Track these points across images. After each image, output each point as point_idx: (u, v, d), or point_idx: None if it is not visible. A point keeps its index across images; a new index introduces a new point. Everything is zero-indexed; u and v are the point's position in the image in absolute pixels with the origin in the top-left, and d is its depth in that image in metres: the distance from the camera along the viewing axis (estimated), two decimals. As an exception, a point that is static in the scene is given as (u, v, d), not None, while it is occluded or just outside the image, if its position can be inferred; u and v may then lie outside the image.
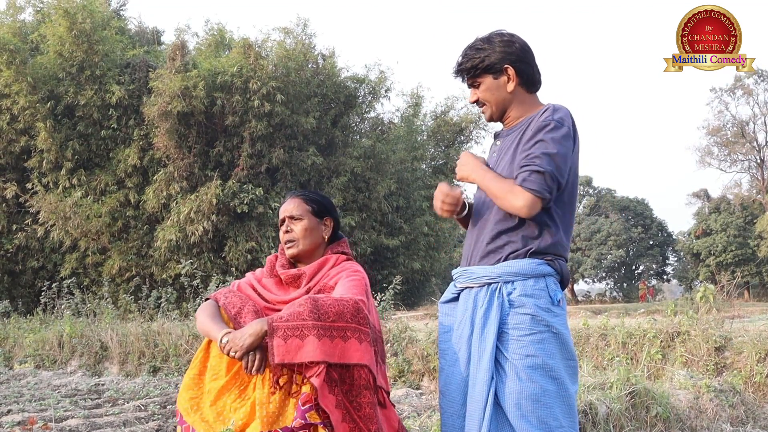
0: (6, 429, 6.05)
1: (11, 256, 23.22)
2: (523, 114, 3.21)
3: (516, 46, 3.17)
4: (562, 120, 3.05)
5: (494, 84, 3.18)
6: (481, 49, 3.17)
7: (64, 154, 22.40)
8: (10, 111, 22.30)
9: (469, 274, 3.18)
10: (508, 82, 3.16)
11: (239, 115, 22.01)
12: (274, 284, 3.57)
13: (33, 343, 13.29)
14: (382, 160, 24.84)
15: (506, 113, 3.24)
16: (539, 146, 3.00)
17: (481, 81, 3.19)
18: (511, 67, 3.14)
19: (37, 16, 25.70)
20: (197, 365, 3.31)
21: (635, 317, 10.51)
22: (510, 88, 3.17)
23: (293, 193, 3.85)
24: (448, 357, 3.31)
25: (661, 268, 64.06)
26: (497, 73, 3.16)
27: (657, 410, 5.54)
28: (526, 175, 2.98)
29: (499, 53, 3.14)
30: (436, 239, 28.11)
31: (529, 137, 3.06)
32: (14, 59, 21.49)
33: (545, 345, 2.96)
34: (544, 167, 2.96)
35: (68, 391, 9.31)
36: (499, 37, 3.18)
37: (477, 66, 3.17)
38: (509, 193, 3.00)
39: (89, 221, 21.65)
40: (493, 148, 3.33)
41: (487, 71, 3.16)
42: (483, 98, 3.22)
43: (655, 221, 63.70)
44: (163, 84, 21.20)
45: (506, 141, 3.22)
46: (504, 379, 2.96)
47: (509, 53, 3.15)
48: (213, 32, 25.07)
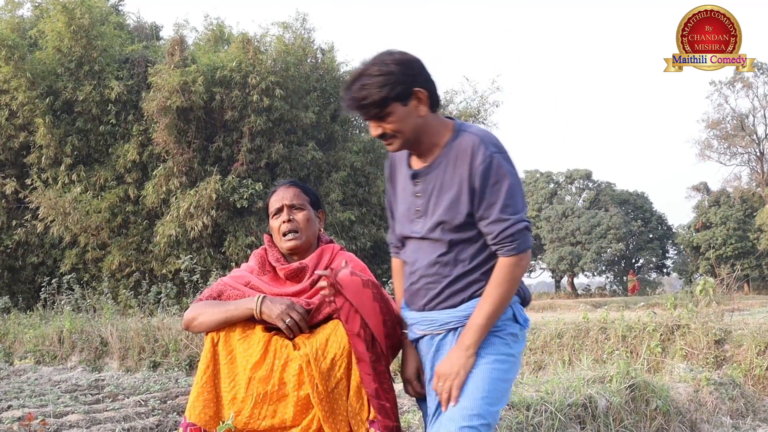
0: (6, 425, 6.05)
1: (11, 252, 23.21)
2: (438, 139, 2.96)
3: (416, 64, 2.90)
4: (499, 148, 2.90)
5: (405, 111, 2.85)
6: (381, 76, 2.80)
7: (63, 149, 22.38)
8: (8, 107, 22.29)
9: (430, 321, 2.99)
10: (419, 105, 2.88)
11: (238, 110, 21.98)
12: (269, 280, 3.41)
13: (33, 339, 13.30)
14: (381, 154, 24.79)
15: (418, 141, 2.95)
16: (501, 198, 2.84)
17: (389, 111, 2.83)
18: (421, 88, 2.87)
19: (36, 11, 25.64)
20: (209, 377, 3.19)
21: (635, 311, 10.49)
22: (422, 111, 2.89)
23: (288, 182, 3.68)
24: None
25: (660, 261, 64.13)
26: (406, 99, 2.84)
27: (657, 403, 5.54)
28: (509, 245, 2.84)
29: (404, 76, 2.82)
30: (437, 233, 28.10)
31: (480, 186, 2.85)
32: (13, 55, 21.46)
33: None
34: (522, 220, 2.86)
35: (68, 386, 9.32)
36: (394, 59, 2.85)
37: (386, 97, 2.80)
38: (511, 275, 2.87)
39: (89, 217, 21.64)
40: (409, 189, 3.04)
41: (396, 99, 2.81)
42: (394, 130, 2.88)
43: (655, 214, 63.76)
44: (162, 79, 21.18)
45: (430, 179, 2.96)
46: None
47: (414, 74, 2.87)
48: (212, 27, 25.03)
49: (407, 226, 3.06)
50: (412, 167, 3.04)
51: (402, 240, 3.15)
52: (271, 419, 3.05)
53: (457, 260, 2.94)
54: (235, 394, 3.11)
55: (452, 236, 2.92)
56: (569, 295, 56.97)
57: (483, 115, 28.74)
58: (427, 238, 2.97)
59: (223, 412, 3.13)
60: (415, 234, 3.02)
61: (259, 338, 3.17)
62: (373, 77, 2.82)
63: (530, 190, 65.97)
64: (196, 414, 3.14)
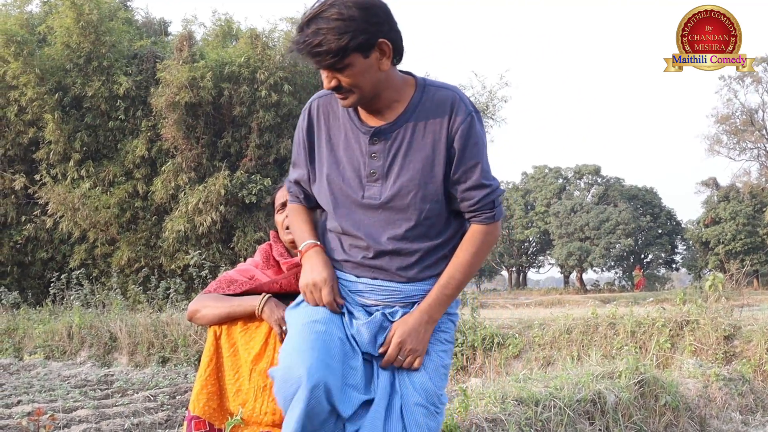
0: (16, 419, 6.07)
1: (20, 248, 23.30)
2: (399, 95, 2.68)
3: (381, 10, 2.55)
4: (475, 108, 2.69)
5: (365, 64, 2.53)
6: (341, 21, 2.47)
7: (72, 145, 22.43)
8: (18, 102, 22.33)
9: (392, 292, 2.73)
10: (381, 58, 2.57)
11: (247, 105, 21.99)
12: (273, 274, 3.39)
13: (42, 334, 13.35)
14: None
15: (378, 96, 2.64)
16: (475, 162, 2.66)
17: (348, 63, 2.51)
18: (386, 39, 2.55)
19: (44, 7, 25.70)
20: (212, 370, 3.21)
21: (644, 306, 10.49)
22: (385, 65, 2.58)
23: None
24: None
25: (669, 256, 63.98)
26: (368, 51, 2.52)
27: (666, 399, 5.53)
28: (488, 213, 2.71)
29: (367, 24, 2.49)
30: (445, 229, 28.06)
31: (459, 146, 2.64)
32: (22, 51, 21.50)
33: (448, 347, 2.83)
34: (499, 187, 2.74)
35: (78, 381, 9.35)
36: (355, 1, 2.50)
37: (345, 47, 2.47)
38: (487, 244, 2.73)
39: (98, 212, 21.69)
40: (360, 148, 2.71)
41: (356, 50, 2.49)
42: (352, 84, 2.56)
43: (664, 210, 63.58)
44: (170, 75, 21.20)
45: (394, 139, 2.67)
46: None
47: (378, 22, 2.53)
48: (220, 23, 25.02)
49: (354, 191, 2.70)
50: (366, 123, 2.70)
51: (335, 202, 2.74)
52: (272, 416, 3.06)
53: (427, 235, 2.71)
54: (240, 386, 3.14)
55: (422, 206, 2.66)
56: (578, 290, 56.82)
57: (491, 110, 28.69)
58: (388, 207, 2.68)
59: (227, 405, 3.16)
60: (370, 200, 2.69)
61: (261, 331, 3.18)
62: (332, 21, 2.47)
63: (539, 186, 65.90)
64: (200, 407, 3.17)
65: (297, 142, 2.87)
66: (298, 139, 2.86)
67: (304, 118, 2.82)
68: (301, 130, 2.84)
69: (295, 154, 2.89)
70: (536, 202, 65.67)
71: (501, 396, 4.50)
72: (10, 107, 22.47)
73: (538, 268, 72.55)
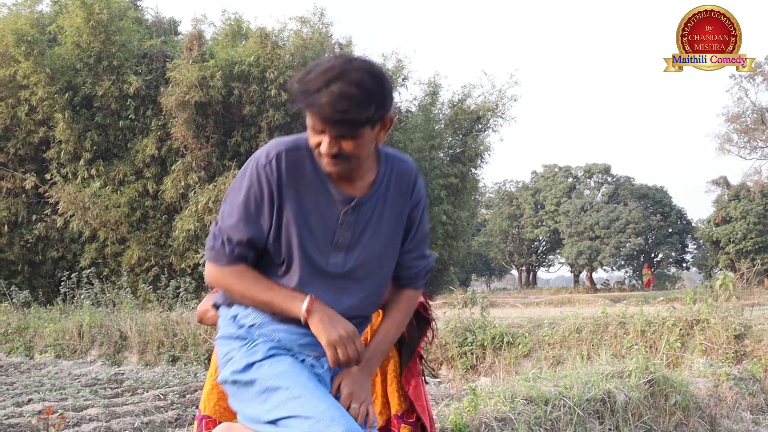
0: (26, 418, 6.09)
1: (31, 247, 23.38)
2: (368, 165, 2.59)
3: (388, 83, 2.45)
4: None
5: (370, 136, 2.44)
6: (364, 91, 2.34)
7: (82, 144, 22.50)
8: (28, 102, 22.41)
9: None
10: (381, 131, 2.48)
11: (256, 104, 22.03)
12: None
13: (53, 333, 13.39)
14: (399, 149, 24.74)
15: (360, 166, 2.54)
16: (425, 233, 2.76)
17: (360, 133, 2.38)
18: (389, 115, 2.48)
19: (55, 7, 25.77)
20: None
21: (654, 305, 10.46)
22: (382, 137, 2.51)
23: None
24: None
25: (680, 255, 63.84)
26: (376, 123, 2.42)
27: (676, 398, 5.52)
28: (423, 281, 2.83)
29: (383, 98, 2.40)
30: (454, 228, 28.02)
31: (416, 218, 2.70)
32: (32, 50, 21.58)
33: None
34: (432, 259, 2.86)
35: (88, 380, 9.37)
36: (373, 72, 2.39)
37: (368, 119, 2.37)
38: (414, 306, 2.85)
39: (108, 211, 21.75)
40: (332, 215, 2.57)
41: (371, 122, 2.39)
42: (352, 153, 2.42)
43: (674, 209, 63.44)
44: (180, 74, 21.25)
45: (365, 211, 2.60)
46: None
47: (389, 97, 2.44)
48: (230, 22, 25.08)
49: (321, 257, 2.59)
50: (341, 191, 2.58)
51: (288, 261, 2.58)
52: None
53: (377, 303, 2.75)
54: None
55: (379, 276, 2.69)
56: (588, 289, 56.78)
57: (501, 110, 28.69)
58: (349, 276, 2.63)
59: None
60: (334, 268, 2.61)
61: None
62: (355, 88, 2.32)
63: (549, 185, 65.83)
64: (211, 406, 3.17)
65: (255, 195, 2.53)
66: (259, 191, 2.53)
67: (272, 170, 2.52)
68: (267, 183, 2.52)
69: (249, 208, 2.54)
70: (546, 201, 65.60)
71: (510, 395, 4.50)
72: (20, 107, 22.54)
73: (548, 267, 72.49)
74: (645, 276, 50.03)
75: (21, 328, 14.20)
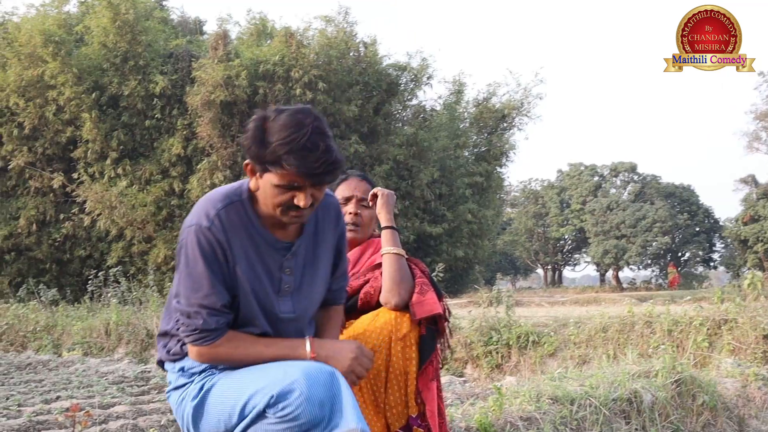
0: (54, 415, 6.13)
1: (59, 245, 23.58)
2: None
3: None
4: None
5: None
6: (332, 140, 2.49)
7: (109, 144, 22.66)
8: (56, 102, 22.59)
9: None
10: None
11: (281, 103, 22.01)
12: None
13: (81, 331, 13.47)
14: (424, 147, 24.77)
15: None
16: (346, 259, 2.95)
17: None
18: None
19: (82, 7, 25.98)
20: None
21: (681, 305, 10.38)
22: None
23: (361, 176, 3.65)
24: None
25: (707, 255, 63.28)
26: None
27: (704, 399, 5.47)
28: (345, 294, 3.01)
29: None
30: (480, 227, 27.97)
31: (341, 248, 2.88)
32: (60, 50, 21.77)
33: None
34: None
35: (115, 378, 9.42)
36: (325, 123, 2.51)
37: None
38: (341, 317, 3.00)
39: (134, 210, 21.90)
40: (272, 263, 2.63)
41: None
42: (319, 200, 2.53)
43: (702, 207, 62.89)
44: (205, 73, 21.35)
45: (301, 253, 2.70)
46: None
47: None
48: (255, 21, 25.16)
49: (272, 305, 2.64)
50: (278, 239, 2.64)
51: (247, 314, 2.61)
52: None
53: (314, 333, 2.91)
54: None
55: (315, 309, 2.84)
56: (614, 288, 56.36)
57: (526, 108, 28.63)
58: (299, 318, 2.72)
59: None
60: (286, 315, 2.66)
61: None
62: (329, 138, 2.46)
63: (574, 183, 65.43)
64: None
65: (211, 259, 2.52)
66: (213, 254, 2.52)
67: (218, 229, 2.53)
68: (217, 243, 2.52)
69: (213, 272, 2.52)
70: (572, 200, 65.22)
71: (536, 394, 4.48)
72: (48, 107, 22.72)
73: (574, 266, 72.10)
74: (670, 274, 49.53)
75: (49, 326, 14.30)
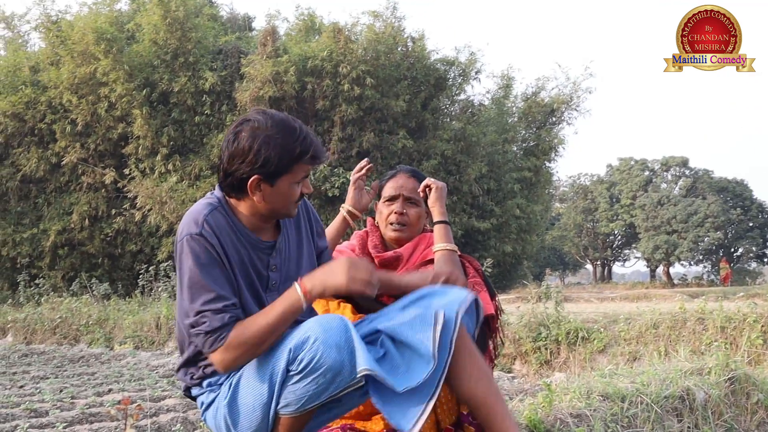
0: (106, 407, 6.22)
1: (111, 240, 23.90)
2: None
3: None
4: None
5: None
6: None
7: (159, 140, 22.89)
8: (108, 99, 22.86)
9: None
10: None
11: (329, 99, 22.15)
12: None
13: (132, 325, 13.65)
14: (472, 142, 24.65)
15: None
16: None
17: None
18: None
19: (133, 5, 26.32)
20: None
21: (734, 301, 10.21)
22: None
23: (409, 172, 3.61)
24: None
25: (761, 250, 62.21)
26: None
27: (758, 397, 5.38)
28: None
29: None
30: (528, 222, 27.76)
31: (321, 231, 3.06)
32: (111, 48, 22.03)
33: None
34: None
35: (166, 371, 9.53)
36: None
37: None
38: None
39: (184, 206, 22.07)
40: (258, 263, 2.76)
41: None
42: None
43: (755, 202, 61.84)
44: (254, 70, 21.47)
45: (283, 250, 2.84)
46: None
47: None
48: (303, 17, 25.23)
49: (260, 301, 2.73)
50: (260, 239, 2.77)
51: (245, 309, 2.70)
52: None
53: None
54: None
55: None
56: (665, 284, 55.72)
57: (575, 102, 28.32)
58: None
59: None
60: None
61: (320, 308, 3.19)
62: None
63: (624, 178, 64.74)
64: None
65: (210, 262, 2.62)
66: (209, 257, 2.62)
67: (209, 233, 2.65)
68: (211, 246, 2.63)
69: (215, 274, 2.61)
70: (621, 195, 64.52)
71: (586, 391, 4.43)
72: (100, 103, 23.00)
73: (624, 262, 71.36)
74: (722, 270, 48.77)
75: (101, 319, 14.51)
